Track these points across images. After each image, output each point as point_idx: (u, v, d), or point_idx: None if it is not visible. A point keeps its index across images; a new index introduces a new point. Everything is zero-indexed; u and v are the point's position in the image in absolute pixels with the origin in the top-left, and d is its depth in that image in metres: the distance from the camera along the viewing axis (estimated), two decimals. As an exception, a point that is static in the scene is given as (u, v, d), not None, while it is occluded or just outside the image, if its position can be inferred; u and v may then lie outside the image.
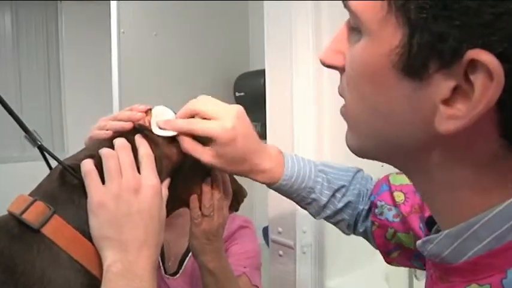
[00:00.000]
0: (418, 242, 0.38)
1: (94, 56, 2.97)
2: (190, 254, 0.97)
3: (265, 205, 1.16)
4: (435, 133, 0.31)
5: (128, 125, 0.64)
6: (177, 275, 0.99)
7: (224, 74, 2.20)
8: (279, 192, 0.73)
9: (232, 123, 0.61)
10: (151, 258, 0.57)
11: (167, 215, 0.63)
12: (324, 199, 0.71)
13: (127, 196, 0.57)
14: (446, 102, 0.31)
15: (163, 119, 0.65)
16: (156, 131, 0.64)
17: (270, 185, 0.70)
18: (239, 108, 0.64)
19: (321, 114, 1.07)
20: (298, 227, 1.11)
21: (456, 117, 0.30)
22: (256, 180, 0.69)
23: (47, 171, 0.63)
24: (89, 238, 0.56)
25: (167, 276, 0.99)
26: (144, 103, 0.69)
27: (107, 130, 0.65)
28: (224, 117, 0.61)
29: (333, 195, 0.71)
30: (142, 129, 0.64)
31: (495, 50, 0.27)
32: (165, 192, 0.63)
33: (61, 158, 0.61)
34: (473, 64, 0.28)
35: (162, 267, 0.99)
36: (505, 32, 0.27)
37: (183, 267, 0.99)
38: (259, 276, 1.02)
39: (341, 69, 0.39)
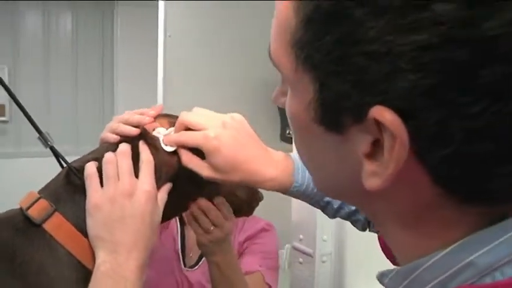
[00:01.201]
0: (377, 274, 0.37)
1: (144, 55, 3.09)
2: None
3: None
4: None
5: (135, 131, 0.67)
6: (196, 267, 1.03)
7: (267, 78, 2.21)
8: (293, 197, 0.73)
9: (215, 133, 0.62)
10: (139, 261, 0.60)
11: (167, 219, 0.67)
12: (337, 201, 0.71)
13: (121, 200, 0.60)
14: (370, 156, 0.29)
15: (165, 135, 0.67)
16: (163, 146, 0.66)
17: (282, 192, 0.70)
18: (232, 117, 0.65)
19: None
20: (318, 235, 1.12)
21: (377, 174, 0.28)
22: (265, 189, 0.69)
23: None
24: (86, 236, 0.61)
25: (186, 268, 1.03)
26: (160, 105, 0.73)
27: (116, 134, 0.68)
28: (210, 126, 0.62)
29: None
30: (147, 136, 0.67)
31: (396, 107, 0.25)
32: (162, 196, 0.66)
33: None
34: (378, 122, 0.26)
35: (181, 261, 1.04)
36: (400, 88, 0.25)
37: (202, 261, 1.03)
38: (274, 277, 1.04)
39: None
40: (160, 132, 0.68)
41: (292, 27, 0.29)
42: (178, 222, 1.08)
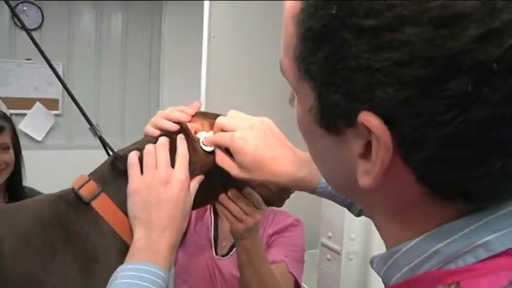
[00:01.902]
0: (370, 259, 0.41)
1: (190, 55, 3.18)
2: None
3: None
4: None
5: (174, 127, 0.74)
6: (227, 256, 1.10)
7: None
8: (320, 196, 0.77)
9: (242, 134, 0.67)
10: (171, 240, 0.67)
11: (199, 206, 0.75)
12: None
13: (158, 187, 0.68)
14: (363, 156, 0.32)
15: (205, 137, 0.74)
16: (203, 147, 0.74)
17: (308, 192, 0.74)
18: (261, 120, 0.70)
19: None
20: (346, 234, 1.15)
21: (368, 172, 0.32)
22: (290, 188, 0.74)
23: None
24: (127, 215, 0.69)
25: (218, 257, 1.10)
26: (198, 103, 0.80)
27: (158, 128, 0.76)
28: (238, 128, 0.68)
29: None
30: (185, 131, 0.74)
31: (381, 114, 0.28)
32: (194, 186, 0.73)
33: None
34: (366, 126, 0.29)
35: (214, 249, 1.11)
36: (381, 99, 0.28)
37: (233, 251, 1.09)
38: (299, 269, 1.08)
39: None
40: (202, 135, 0.75)
41: (294, 43, 0.34)
42: (212, 214, 1.15)
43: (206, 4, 1.84)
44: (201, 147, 0.73)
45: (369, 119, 0.29)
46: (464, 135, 0.27)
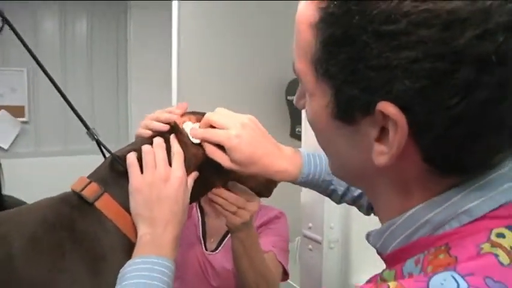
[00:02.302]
0: (365, 234, 0.47)
1: (157, 56, 3.18)
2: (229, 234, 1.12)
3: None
4: (374, 164, 0.38)
5: (165, 127, 0.79)
6: (217, 251, 1.14)
7: (277, 78, 2.28)
8: (302, 186, 0.83)
9: (237, 132, 0.72)
10: (174, 234, 0.71)
11: (192, 201, 0.78)
12: (342, 188, 0.81)
13: (158, 184, 0.72)
14: (379, 140, 0.37)
15: (191, 128, 0.78)
16: (190, 138, 0.78)
17: (292, 182, 0.80)
18: (249, 118, 0.76)
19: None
20: (326, 223, 1.20)
21: (385, 153, 0.37)
22: (277, 179, 0.79)
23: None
24: (130, 213, 0.72)
25: (208, 252, 1.14)
26: (185, 103, 0.83)
27: (149, 130, 0.80)
28: (231, 126, 0.73)
29: (349, 186, 0.81)
30: (177, 130, 0.78)
31: (398, 103, 0.34)
32: (190, 182, 0.77)
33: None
34: (384, 114, 0.35)
35: (203, 245, 1.15)
36: (398, 90, 0.34)
37: (222, 245, 1.14)
38: (286, 258, 1.15)
39: None
40: (188, 126, 0.79)
41: (312, 49, 0.39)
42: (199, 212, 1.19)
43: (175, 4, 1.84)
44: (189, 139, 0.77)
45: (388, 108, 0.35)
46: (467, 116, 0.34)
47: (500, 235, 0.36)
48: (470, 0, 0.31)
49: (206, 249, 1.15)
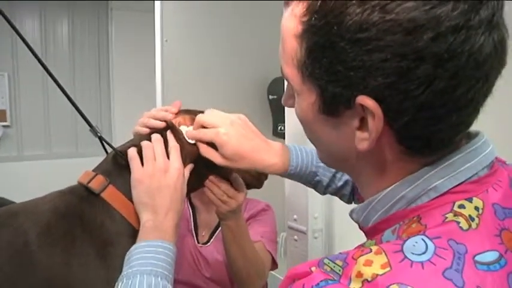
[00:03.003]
0: (349, 212, 0.55)
1: (140, 58, 3.19)
2: (220, 227, 1.18)
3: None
4: (356, 149, 0.45)
5: (161, 124, 0.85)
6: (209, 243, 1.20)
7: (259, 78, 2.31)
8: (290, 179, 0.90)
9: (225, 130, 0.78)
10: (174, 220, 0.78)
11: (188, 193, 0.85)
12: (326, 179, 0.88)
13: (158, 175, 0.78)
14: (360, 128, 0.44)
15: (187, 131, 0.85)
16: (186, 139, 0.84)
17: (281, 175, 0.87)
18: (238, 116, 0.82)
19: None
20: (310, 214, 1.27)
21: (365, 139, 0.44)
22: (268, 173, 0.86)
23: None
24: (133, 202, 0.79)
25: (200, 245, 1.20)
26: (179, 102, 0.89)
27: (146, 127, 0.86)
28: (221, 124, 0.79)
29: (333, 176, 0.89)
30: (172, 127, 0.84)
31: (374, 96, 0.41)
32: (187, 173, 0.84)
33: (108, 146, 0.84)
34: (363, 106, 0.42)
35: (195, 239, 1.21)
36: (373, 86, 0.41)
37: (214, 237, 1.20)
38: (274, 248, 1.22)
39: None
40: (184, 129, 0.85)
41: (298, 55, 0.46)
42: (190, 207, 1.25)
43: (157, 5, 1.85)
44: (185, 139, 0.84)
45: (365, 101, 0.42)
46: (431, 102, 0.41)
47: (462, 206, 0.44)
48: (425, 10, 0.38)
49: (198, 242, 1.20)
